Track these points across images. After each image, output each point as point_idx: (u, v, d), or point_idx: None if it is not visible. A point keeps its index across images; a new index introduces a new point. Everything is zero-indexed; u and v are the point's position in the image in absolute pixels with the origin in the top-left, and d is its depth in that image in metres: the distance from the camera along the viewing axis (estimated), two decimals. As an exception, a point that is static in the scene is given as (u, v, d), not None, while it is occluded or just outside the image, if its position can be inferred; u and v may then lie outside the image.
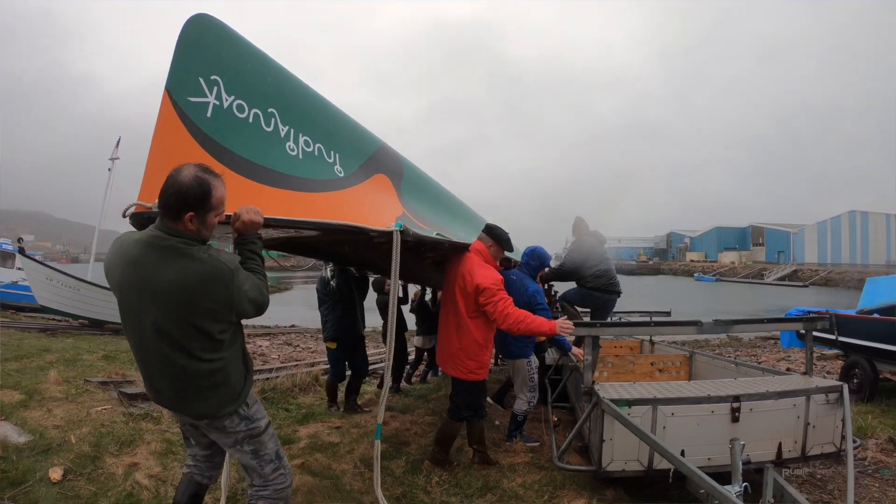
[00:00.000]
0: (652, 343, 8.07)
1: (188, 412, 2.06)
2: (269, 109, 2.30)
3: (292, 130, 2.41)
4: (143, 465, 3.66)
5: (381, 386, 6.92)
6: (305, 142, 2.48)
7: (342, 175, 2.68)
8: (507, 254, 4.13)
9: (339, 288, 5.66)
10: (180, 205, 1.84)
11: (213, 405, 2.02)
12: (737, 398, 3.11)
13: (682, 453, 3.02)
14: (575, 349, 4.60)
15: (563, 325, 3.52)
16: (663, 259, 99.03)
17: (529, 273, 4.58)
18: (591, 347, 3.53)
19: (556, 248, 5.76)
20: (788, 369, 10.32)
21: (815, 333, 7.66)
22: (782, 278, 57.24)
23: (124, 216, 2.04)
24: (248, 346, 3.22)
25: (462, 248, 3.81)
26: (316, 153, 2.53)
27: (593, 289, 5.30)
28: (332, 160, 2.64)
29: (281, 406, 5.85)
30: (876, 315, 6.82)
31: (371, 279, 6.41)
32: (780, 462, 3.20)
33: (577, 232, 5.72)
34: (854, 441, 3.45)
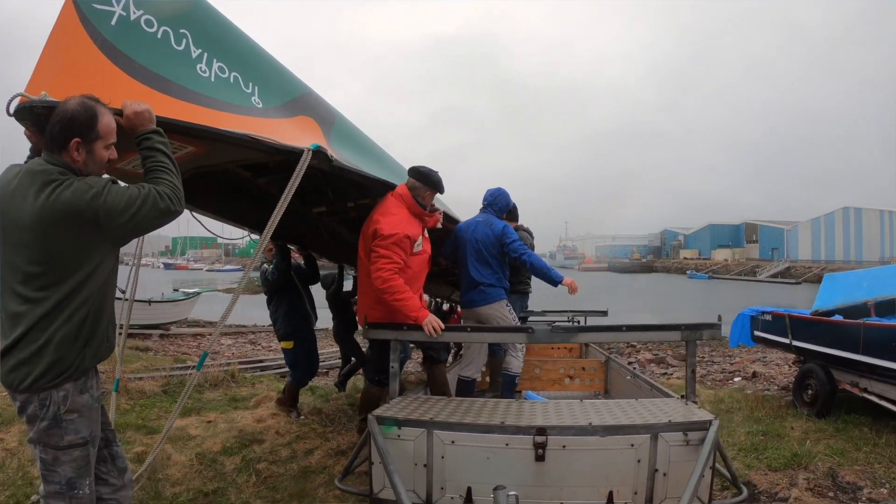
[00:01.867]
0: (587, 346, 7.07)
1: (6, 376, 1.79)
2: (181, 30, 2.20)
3: (206, 54, 2.29)
4: (8, 440, 3.98)
5: (339, 385, 6.52)
6: (220, 68, 2.35)
7: (260, 106, 2.50)
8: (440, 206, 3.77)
9: (277, 268, 4.84)
10: (65, 130, 1.75)
11: (33, 373, 1.74)
12: (542, 430, 2.26)
13: (469, 492, 2.39)
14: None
15: (432, 322, 2.89)
16: (657, 257, 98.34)
17: (495, 213, 4.23)
18: (398, 353, 2.96)
19: (550, 245, 5.04)
20: (755, 373, 9.38)
21: (770, 337, 6.71)
22: (775, 275, 56.42)
23: (9, 113, 1.83)
24: (210, 343, 3.25)
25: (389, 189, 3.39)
26: (231, 80, 2.40)
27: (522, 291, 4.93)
28: (249, 91, 2.48)
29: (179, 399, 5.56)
30: (838, 317, 5.73)
31: (323, 273, 5.79)
32: None
33: (509, 214, 4.76)
34: (739, 492, 2.43)
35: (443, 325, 2.89)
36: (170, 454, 3.94)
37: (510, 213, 4.68)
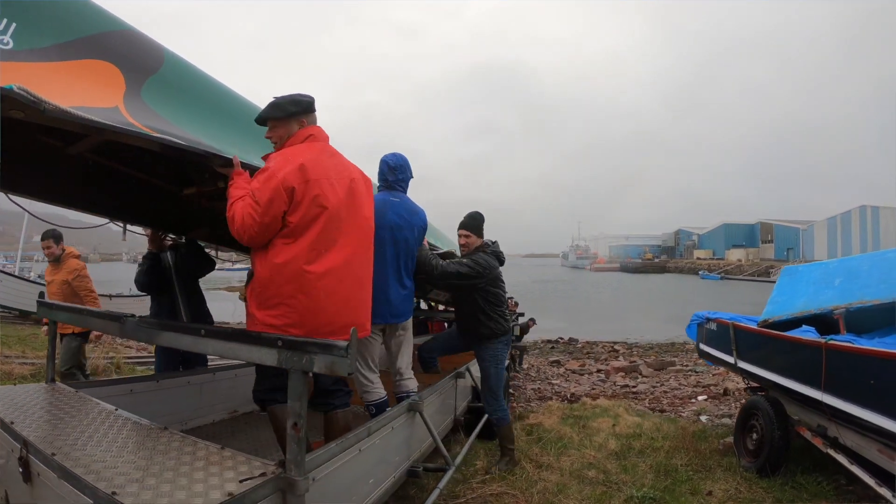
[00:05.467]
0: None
1: None
2: None
3: None
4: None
5: None
6: None
7: (9, 47, 1.86)
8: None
9: (145, 274, 3.98)
10: None
11: None
12: (27, 445, 1.78)
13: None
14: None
15: None
16: (671, 257, 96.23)
17: (405, 191, 3.27)
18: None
19: (563, 245, 3.65)
20: (726, 391, 7.83)
21: (714, 352, 5.08)
22: (789, 276, 54.51)
23: None
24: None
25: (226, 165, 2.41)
26: None
27: None
28: None
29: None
30: (809, 330, 3.91)
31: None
32: None
33: (471, 236, 3.93)
34: None
35: None
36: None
37: (477, 227, 3.94)
